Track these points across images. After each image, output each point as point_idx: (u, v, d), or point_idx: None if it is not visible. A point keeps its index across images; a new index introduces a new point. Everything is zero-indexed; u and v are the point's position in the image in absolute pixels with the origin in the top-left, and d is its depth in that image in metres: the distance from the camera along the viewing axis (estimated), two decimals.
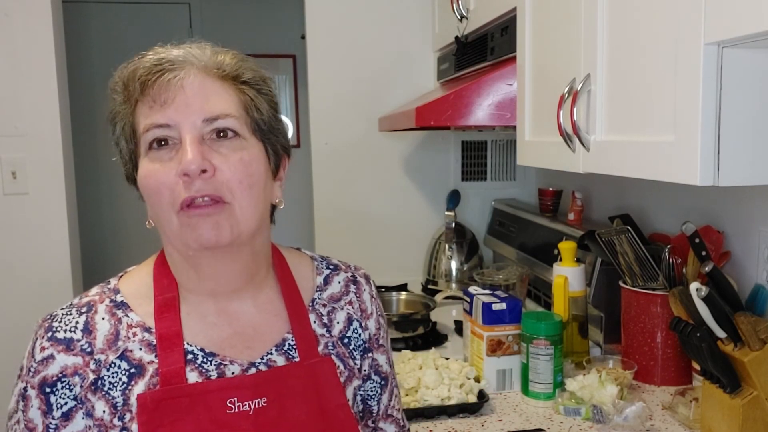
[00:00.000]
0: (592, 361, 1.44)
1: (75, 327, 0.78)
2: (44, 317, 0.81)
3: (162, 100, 0.76)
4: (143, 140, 0.78)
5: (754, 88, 0.87)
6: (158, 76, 0.77)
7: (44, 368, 0.76)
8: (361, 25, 2.38)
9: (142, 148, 0.78)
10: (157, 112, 0.77)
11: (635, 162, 1.04)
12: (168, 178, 0.75)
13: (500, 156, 2.53)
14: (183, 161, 0.74)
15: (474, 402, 1.32)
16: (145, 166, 0.78)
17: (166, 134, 0.76)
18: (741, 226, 1.39)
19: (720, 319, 1.08)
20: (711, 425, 1.16)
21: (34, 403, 0.76)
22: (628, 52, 1.07)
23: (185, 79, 0.77)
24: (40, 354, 0.77)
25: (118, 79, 0.82)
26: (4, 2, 2.27)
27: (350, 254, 2.46)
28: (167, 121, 0.76)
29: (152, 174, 0.77)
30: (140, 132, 0.78)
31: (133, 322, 0.80)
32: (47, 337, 0.78)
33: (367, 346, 0.92)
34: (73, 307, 0.81)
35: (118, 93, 0.81)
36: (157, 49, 0.83)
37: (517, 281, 1.91)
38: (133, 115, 0.79)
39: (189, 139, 0.76)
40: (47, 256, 2.39)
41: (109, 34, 3.72)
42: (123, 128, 0.81)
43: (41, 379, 0.76)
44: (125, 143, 0.81)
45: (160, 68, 0.77)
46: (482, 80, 1.63)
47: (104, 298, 0.81)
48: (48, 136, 2.35)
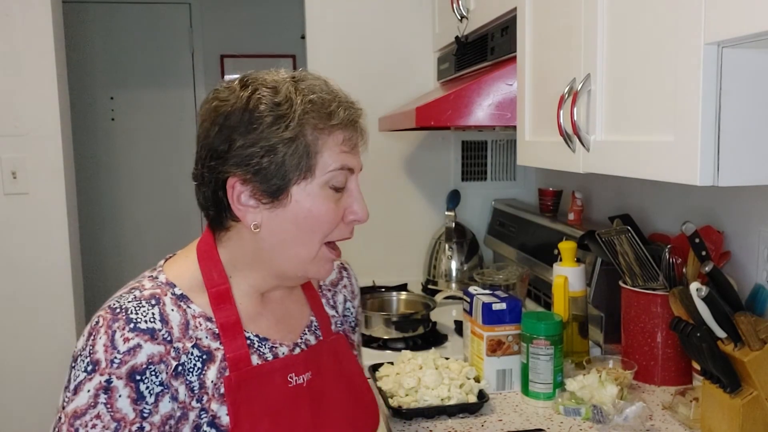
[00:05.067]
0: (592, 361, 1.44)
1: (153, 318, 0.82)
2: (112, 311, 0.82)
3: (355, 146, 0.88)
4: (330, 174, 0.86)
5: (754, 88, 0.87)
6: (354, 129, 0.88)
7: (132, 358, 0.79)
8: (361, 25, 2.38)
9: (319, 177, 0.86)
10: (349, 155, 0.88)
11: (635, 162, 1.04)
12: (336, 218, 0.88)
13: (500, 156, 2.53)
14: (360, 212, 0.89)
15: (474, 402, 1.32)
16: (319, 199, 0.86)
17: (348, 176, 0.88)
18: (741, 226, 1.39)
19: (720, 319, 1.08)
20: (711, 425, 1.16)
21: (123, 393, 0.78)
22: (628, 52, 1.07)
23: (365, 128, 0.91)
24: (124, 345, 0.79)
25: (314, 99, 0.86)
26: (4, 2, 2.27)
27: (350, 254, 2.46)
28: (353, 167, 0.88)
29: (326, 210, 0.87)
30: (327, 165, 0.86)
31: (196, 313, 0.86)
32: (129, 328, 0.80)
33: (356, 323, 1.10)
34: (140, 300, 0.83)
35: (315, 114, 0.85)
36: (333, 83, 0.92)
37: (517, 281, 1.91)
38: (324, 145, 0.86)
39: (358, 188, 0.90)
40: (47, 256, 2.39)
41: (109, 34, 3.72)
42: (302, 143, 0.85)
43: (129, 368, 0.79)
44: (292, 156, 0.84)
45: (355, 121, 0.88)
46: (482, 80, 1.63)
47: (165, 291, 0.86)
48: (48, 136, 2.35)
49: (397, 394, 1.33)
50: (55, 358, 2.43)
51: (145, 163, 3.81)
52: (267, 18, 3.87)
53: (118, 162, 3.79)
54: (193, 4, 3.81)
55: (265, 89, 0.86)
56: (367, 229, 2.44)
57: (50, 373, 2.43)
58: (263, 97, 0.85)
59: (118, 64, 3.74)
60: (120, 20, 3.73)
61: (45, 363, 2.42)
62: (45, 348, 2.42)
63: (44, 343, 2.42)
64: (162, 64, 3.79)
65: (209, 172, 0.88)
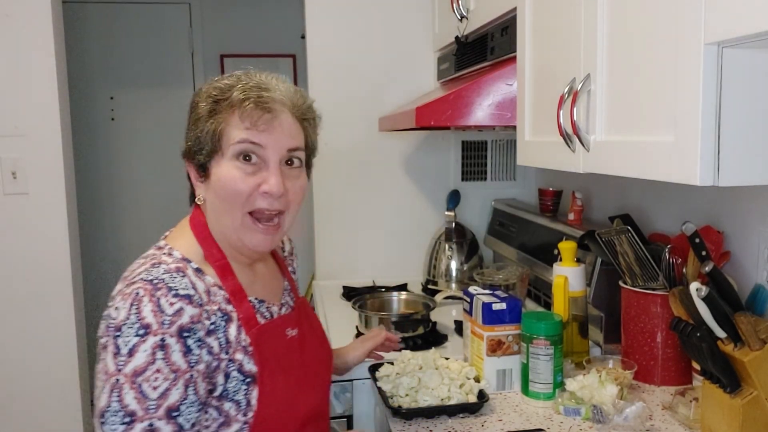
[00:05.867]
0: (592, 361, 1.44)
1: (187, 286, 0.96)
2: (149, 282, 0.94)
3: (260, 127, 1.00)
4: (232, 147, 1.01)
5: (754, 88, 0.87)
6: (261, 109, 1.00)
7: (178, 318, 0.92)
8: (361, 25, 2.38)
9: (227, 151, 1.01)
10: (252, 132, 1.00)
11: (635, 162, 1.04)
12: (246, 187, 1.01)
13: (500, 156, 2.53)
14: (270, 183, 1.01)
15: (474, 402, 1.32)
16: (227, 170, 1.01)
17: (254, 151, 1.01)
18: (741, 226, 1.39)
19: (720, 319, 1.08)
20: (711, 425, 1.16)
21: (175, 348, 0.91)
22: (628, 52, 1.07)
23: (281, 116, 1.02)
24: (171, 308, 0.92)
25: (221, 86, 1.04)
26: (4, 2, 2.27)
27: (350, 254, 2.48)
28: (260, 142, 1.01)
29: (234, 179, 1.01)
30: (231, 139, 1.00)
31: (210, 283, 1.01)
32: (171, 294, 0.93)
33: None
34: (171, 272, 0.96)
35: (217, 99, 1.02)
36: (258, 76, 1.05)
37: (517, 281, 1.91)
38: (227, 120, 1.01)
39: (274, 164, 1.02)
40: (47, 256, 2.39)
41: (109, 34, 3.72)
42: (213, 122, 1.01)
43: (178, 327, 0.92)
44: (207, 136, 1.02)
45: (265, 105, 1.00)
46: (482, 80, 1.63)
47: (186, 266, 1.00)
48: (48, 136, 2.35)
49: (397, 394, 1.33)
50: (55, 357, 2.43)
51: (145, 163, 3.81)
52: (267, 18, 3.86)
53: (118, 162, 3.78)
54: (193, 4, 3.80)
55: (204, 84, 1.08)
56: (368, 229, 2.47)
57: (50, 371, 2.43)
58: (198, 89, 1.08)
59: (118, 64, 3.74)
60: (120, 20, 3.72)
61: (45, 362, 2.42)
62: (45, 347, 2.42)
63: (44, 343, 2.42)
64: (162, 64, 3.78)
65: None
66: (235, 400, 0.99)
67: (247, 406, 1.00)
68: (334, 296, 2.27)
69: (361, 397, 1.60)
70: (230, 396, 0.99)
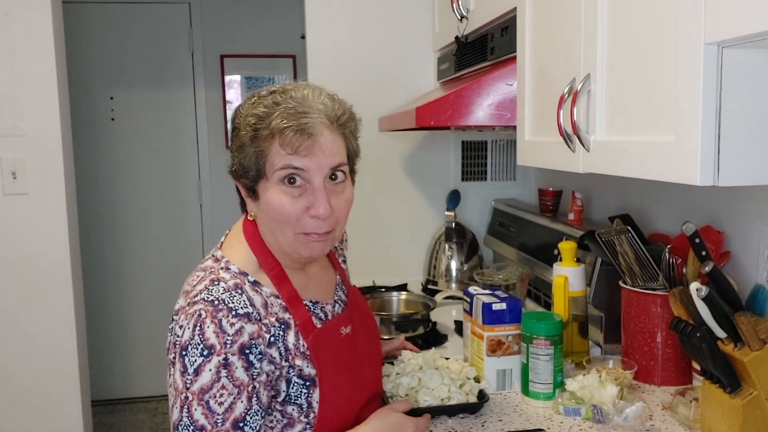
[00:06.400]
0: (592, 361, 1.44)
1: (245, 304, 1.00)
2: (210, 303, 0.98)
3: (302, 153, 1.01)
4: (277, 173, 1.02)
5: (754, 88, 0.87)
6: (301, 135, 1.00)
7: (239, 337, 0.97)
8: (361, 25, 2.38)
9: (271, 177, 1.03)
10: (294, 158, 1.01)
11: (635, 162, 1.04)
12: (295, 211, 1.03)
13: (500, 156, 2.53)
14: (317, 207, 1.02)
15: (474, 402, 1.32)
16: (274, 194, 1.03)
17: (299, 174, 1.02)
18: (741, 226, 1.39)
19: (720, 319, 1.08)
20: (711, 425, 1.16)
21: (238, 365, 0.96)
22: (628, 52, 1.07)
23: (320, 138, 1.02)
24: (231, 328, 0.97)
25: (259, 113, 1.03)
26: (4, 2, 2.27)
27: (350, 254, 2.46)
28: (302, 167, 1.02)
29: (282, 204, 1.03)
30: (274, 165, 1.02)
31: (267, 294, 1.05)
32: (232, 315, 0.97)
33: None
34: (229, 291, 1.00)
35: (257, 128, 1.02)
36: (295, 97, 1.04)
37: (517, 281, 1.91)
38: (269, 149, 1.02)
39: (319, 186, 1.02)
40: (47, 256, 2.39)
41: (109, 34, 3.72)
42: (255, 150, 1.03)
43: (240, 345, 0.97)
44: (250, 162, 1.04)
45: (305, 131, 1.00)
46: (482, 80, 1.63)
47: (243, 281, 1.04)
48: (48, 136, 2.35)
49: (397, 394, 1.32)
50: (55, 358, 2.43)
51: (145, 163, 3.81)
52: (267, 18, 3.86)
53: (118, 162, 3.78)
54: (193, 4, 3.80)
55: (244, 103, 1.07)
56: (368, 229, 2.47)
57: (50, 371, 2.43)
58: (238, 111, 1.07)
59: (118, 64, 3.74)
60: (120, 20, 3.72)
61: (45, 362, 2.42)
62: (45, 347, 2.42)
63: (44, 343, 2.42)
64: (162, 64, 3.78)
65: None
66: (297, 404, 1.04)
67: (308, 408, 1.05)
68: None
69: None
70: (293, 400, 1.04)
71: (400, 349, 1.54)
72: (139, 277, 3.82)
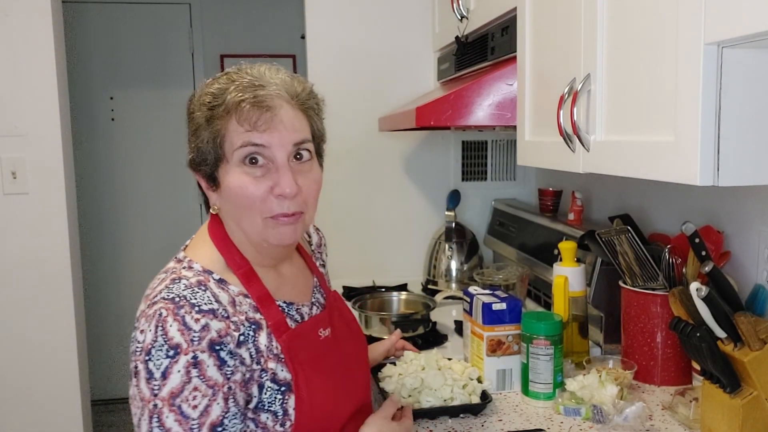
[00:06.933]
0: (592, 361, 1.44)
1: (210, 300, 0.92)
2: (171, 301, 0.90)
3: (261, 127, 0.94)
4: (236, 153, 0.95)
5: (754, 88, 0.87)
6: (259, 108, 0.94)
7: (207, 333, 0.89)
8: (361, 25, 2.38)
9: (232, 158, 0.96)
10: (254, 134, 0.94)
11: (635, 162, 1.04)
12: (259, 192, 0.96)
13: (500, 156, 2.53)
14: (281, 185, 0.95)
15: (477, 403, 1.32)
16: (236, 176, 0.96)
17: (260, 152, 0.95)
18: (741, 226, 1.39)
19: (720, 319, 1.08)
20: (711, 425, 1.16)
21: (209, 363, 0.88)
22: (628, 52, 1.07)
23: (280, 111, 0.96)
24: (197, 325, 0.89)
25: (213, 91, 0.97)
26: (4, 2, 2.27)
27: (350, 254, 2.47)
28: (263, 143, 0.95)
29: (244, 185, 0.96)
30: (233, 144, 0.95)
31: (235, 292, 0.98)
32: (195, 311, 0.90)
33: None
34: (192, 287, 0.93)
35: (212, 106, 0.97)
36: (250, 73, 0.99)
37: (517, 281, 1.91)
38: (225, 127, 0.96)
39: (282, 163, 0.96)
40: (47, 256, 2.39)
41: (109, 34, 3.72)
42: (211, 131, 0.97)
43: (208, 341, 0.89)
44: (207, 145, 0.97)
45: (262, 103, 0.94)
46: (482, 80, 1.63)
47: (207, 278, 0.96)
48: (48, 136, 2.35)
49: (400, 395, 1.32)
50: (55, 358, 2.43)
51: (145, 163, 3.81)
52: (267, 18, 3.86)
53: (118, 162, 3.78)
54: (193, 4, 3.80)
55: (198, 89, 1.02)
56: (367, 229, 2.47)
57: (50, 372, 2.43)
58: (192, 96, 1.01)
59: (118, 64, 3.74)
60: (120, 20, 3.72)
61: (45, 362, 2.42)
62: (45, 348, 2.42)
63: (44, 343, 2.42)
64: (162, 64, 3.79)
65: None
66: (271, 411, 0.96)
67: (284, 416, 0.97)
68: None
69: None
70: (266, 407, 0.96)
71: (398, 348, 1.53)
72: (138, 277, 3.81)
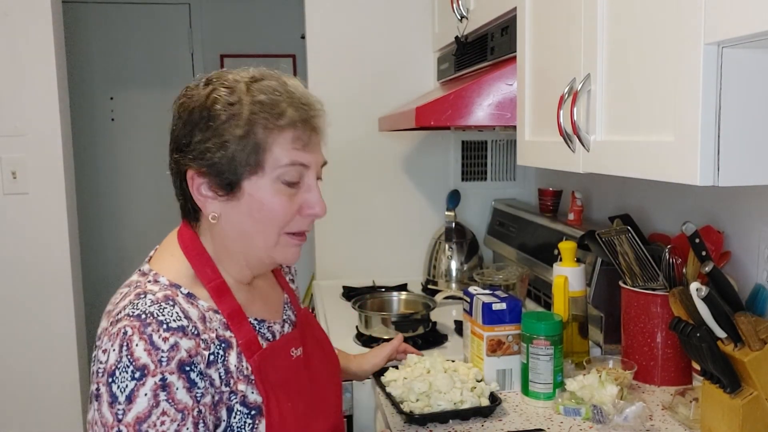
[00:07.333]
0: (592, 361, 1.44)
1: (179, 316, 0.86)
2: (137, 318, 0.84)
3: (309, 149, 0.92)
4: (281, 170, 0.92)
5: (754, 88, 0.87)
6: (311, 130, 0.92)
7: (176, 353, 0.83)
8: (361, 25, 2.38)
9: (271, 172, 0.92)
10: (300, 152, 0.92)
11: (635, 162, 1.04)
12: (290, 211, 0.94)
13: (500, 156, 2.53)
14: (313, 205, 0.95)
15: (487, 405, 1.30)
16: (269, 193, 0.92)
17: (303, 172, 0.93)
18: (741, 226, 1.39)
19: (720, 319, 1.08)
20: (711, 425, 1.16)
21: (178, 385, 0.83)
22: (628, 52, 1.07)
23: (322, 133, 0.95)
24: (165, 344, 0.83)
25: (265, 100, 0.92)
26: (4, 2, 2.27)
27: (350, 254, 2.48)
28: (307, 163, 0.93)
29: (279, 204, 0.93)
30: (279, 160, 0.91)
31: (205, 308, 0.92)
32: (163, 329, 0.84)
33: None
34: (159, 303, 0.87)
35: (265, 116, 0.91)
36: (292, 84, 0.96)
37: (517, 281, 1.91)
38: (274, 141, 0.91)
39: (314, 183, 0.95)
40: (47, 256, 2.39)
41: (109, 34, 3.72)
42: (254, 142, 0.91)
43: (178, 362, 0.83)
44: (242, 152, 0.91)
45: (315, 125, 0.93)
46: (482, 80, 1.63)
47: (175, 292, 0.90)
48: (48, 136, 2.35)
49: (407, 399, 1.30)
50: (54, 358, 2.43)
51: (145, 163, 3.81)
52: (267, 18, 3.87)
53: (118, 162, 3.79)
54: (193, 4, 3.81)
55: (222, 89, 0.93)
56: (367, 229, 2.47)
57: (50, 372, 2.43)
58: (219, 97, 0.92)
59: (118, 64, 3.74)
60: (120, 20, 3.72)
61: (45, 363, 2.42)
62: (45, 348, 2.42)
63: (44, 343, 2.42)
64: (162, 64, 3.79)
65: (175, 164, 0.99)
66: None
67: None
68: (334, 296, 2.27)
69: (361, 397, 1.59)
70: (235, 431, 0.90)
71: (400, 351, 1.51)
72: None
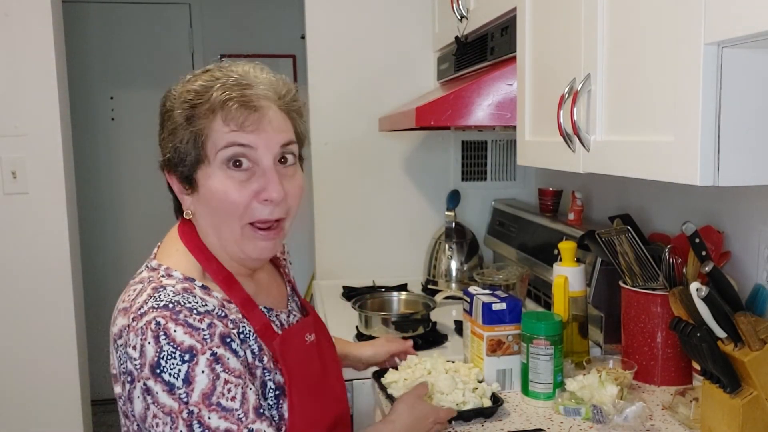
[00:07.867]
0: (592, 361, 1.44)
1: (204, 302, 0.89)
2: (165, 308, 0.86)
3: (248, 128, 0.90)
4: (220, 153, 0.91)
5: (754, 88, 0.87)
6: (246, 108, 0.90)
7: (215, 329, 0.86)
8: (361, 25, 2.38)
9: (214, 159, 0.92)
10: (240, 134, 0.91)
11: (635, 162, 1.04)
12: (243, 198, 0.92)
13: (500, 156, 2.53)
14: (268, 189, 0.92)
15: (489, 406, 1.30)
16: (218, 180, 0.92)
17: (245, 154, 0.91)
18: (741, 226, 1.39)
19: (720, 319, 1.08)
20: (711, 425, 1.16)
21: (227, 355, 0.86)
22: (628, 52, 1.07)
23: (268, 112, 0.92)
24: (202, 323, 0.86)
25: (196, 88, 0.93)
26: (4, 2, 2.27)
27: (350, 254, 2.48)
28: (249, 143, 0.91)
29: (227, 190, 0.92)
30: (217, 144, 0.91)
31: (219, 297, 0.94)
32: (195, 313, 0.86)
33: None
34: (182, 293, 0.89)
35: (194, 103, 0.92)
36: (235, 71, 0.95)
37: (517, 281, 1.91)
38: (209, 126, 0.92)
39: (269, 166, 0.92)
40: (47, 256, 2.39)
41: (109, 34, 3.72)
42: (193, 130, 0.92)
43: (219, 336, 0.86)
44: (187, 145, 0.93)
45: (250, 103, 0.91)
46: (482, 80, 1.63)
47: (192, 285, 0.93)
48: (48, 136, 2.35)
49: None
50: (55, 357, 2.43)
51: (144, 163, 3.80)
52: (267, 18, 3.86)
53: (118, 162, 3.78)
54: (193, 4, 3.81)
55: (176, 85, 0.97)
56: (367, 229, 2.47)
57: (50, 371, 2.43)
58: (169, 93, 0.97)
59: (118, 64, 3.74)
60: (120, 20, 3.72)
61: (45, 362, 2.42)
62: (45, 347, 2.42)
63: (44, 343, 2.42)
64: (162, 64, 3.78)
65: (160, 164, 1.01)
66: (270, 415, 0.92)
67: (280, 421, 0.94)
68: (334, 296, 2.27)
69: (361, 397, 1.60)
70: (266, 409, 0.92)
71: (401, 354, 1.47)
72: None
